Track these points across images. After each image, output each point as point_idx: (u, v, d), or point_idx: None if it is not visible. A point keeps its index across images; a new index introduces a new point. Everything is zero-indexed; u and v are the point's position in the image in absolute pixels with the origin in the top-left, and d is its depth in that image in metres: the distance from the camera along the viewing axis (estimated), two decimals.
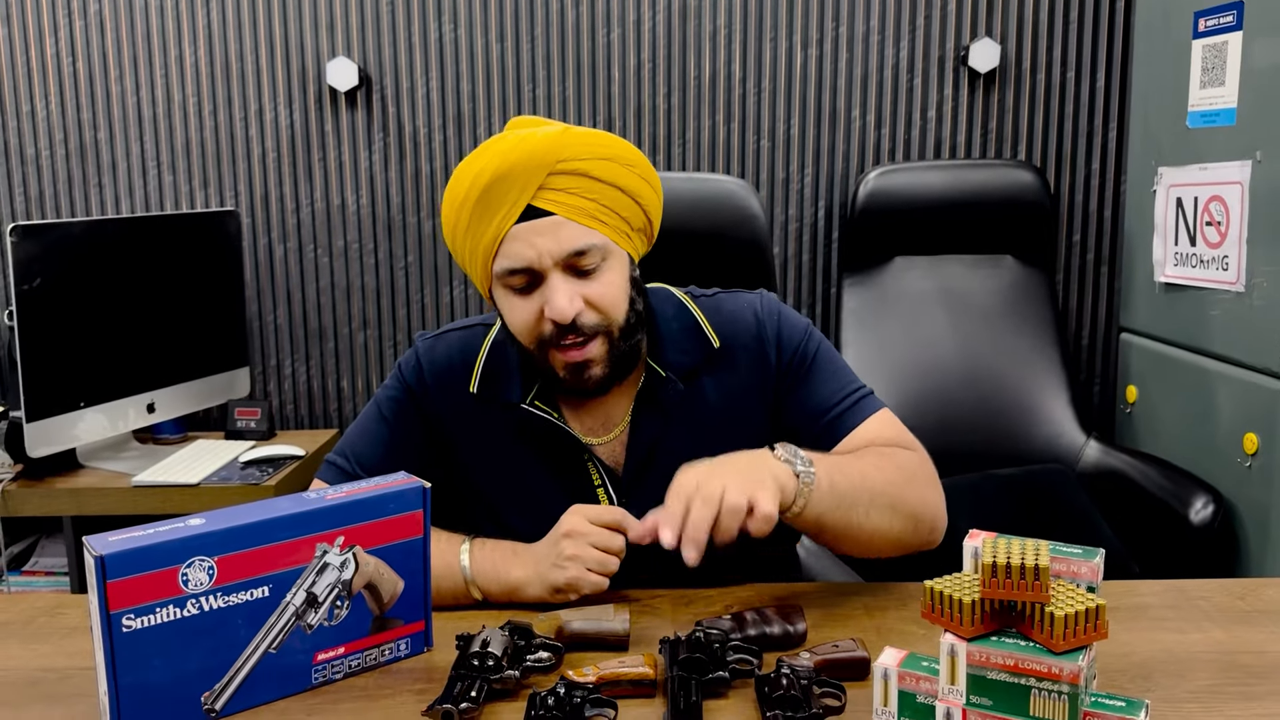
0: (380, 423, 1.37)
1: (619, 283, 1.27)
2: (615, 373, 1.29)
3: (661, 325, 1.35)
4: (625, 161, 1.26)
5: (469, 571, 1.25)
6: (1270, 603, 1.26)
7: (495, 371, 1.35)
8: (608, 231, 1.25)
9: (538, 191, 1.21)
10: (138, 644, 0.97)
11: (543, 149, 1.22)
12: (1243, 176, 2.05)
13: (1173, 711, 1.00)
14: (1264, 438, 1.99)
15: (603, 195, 1.24)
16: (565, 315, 1.21)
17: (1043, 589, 0.87)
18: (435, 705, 0.99)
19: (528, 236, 1.22)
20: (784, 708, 0.97)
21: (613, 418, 1.35)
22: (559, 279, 1.23)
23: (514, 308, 1.26)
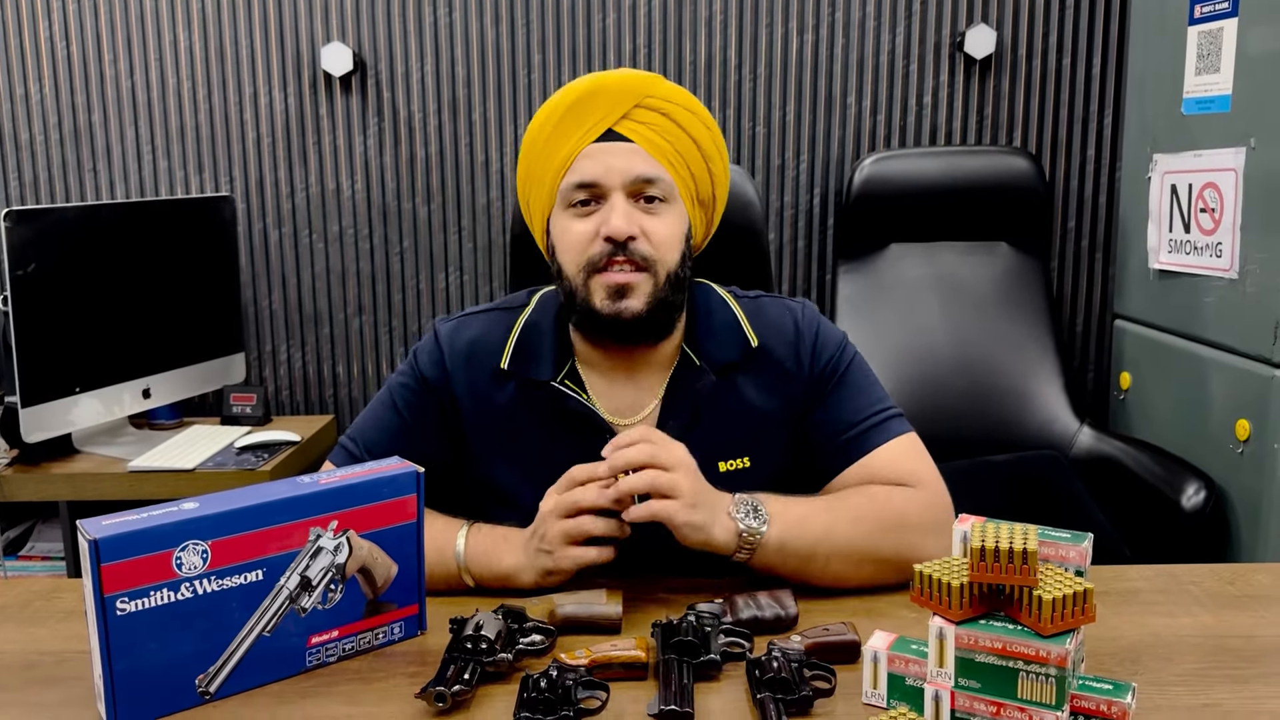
0: (391, 410, 1.37)
1: (676, 228, 1.30)
2: (652, 319, 1.29)
3: (702, 316, 1.37)
4: (706, 123, 1.33)
5: (463, 559, 1.25)
6: (1260, 588, 1.27)
7: (527, 350, 1.36)
8: (676, 178, 1.30)
9: (621, 119, 1.28)
10: (132, 627, 0.98)
11: (636, 81, 1.30)
12: (1237, 163, 2.05)
13: (1160, 695, 1.01)
14: (1256, 424, 2.00)
15: (679, 141, 1.29)
16: (621, 232, 1.25)
17: (1031, 573, 0.88)
18: (429, 687, 0.99)
19: (601, 155, 1.27)
20: (774, 690, 0.98)
21: (641, 401, 1.35)
22: (621, 200, 1.27)
23: (570, 229, 1.29)
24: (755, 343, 1.35)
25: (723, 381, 1.34)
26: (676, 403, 1.34)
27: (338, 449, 1.38)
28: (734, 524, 1.19)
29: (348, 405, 2.90)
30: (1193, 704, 1.00)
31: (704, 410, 1.33)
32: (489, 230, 2.81)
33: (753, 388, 1.35)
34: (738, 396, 1.35)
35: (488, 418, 1.35)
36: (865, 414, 1.33)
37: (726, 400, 1.34)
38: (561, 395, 1.33)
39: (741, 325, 1.37)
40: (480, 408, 1.36)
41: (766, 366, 1.36)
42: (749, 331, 1.36)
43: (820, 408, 1.35)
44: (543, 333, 1.37)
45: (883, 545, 1.23)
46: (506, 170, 2.78)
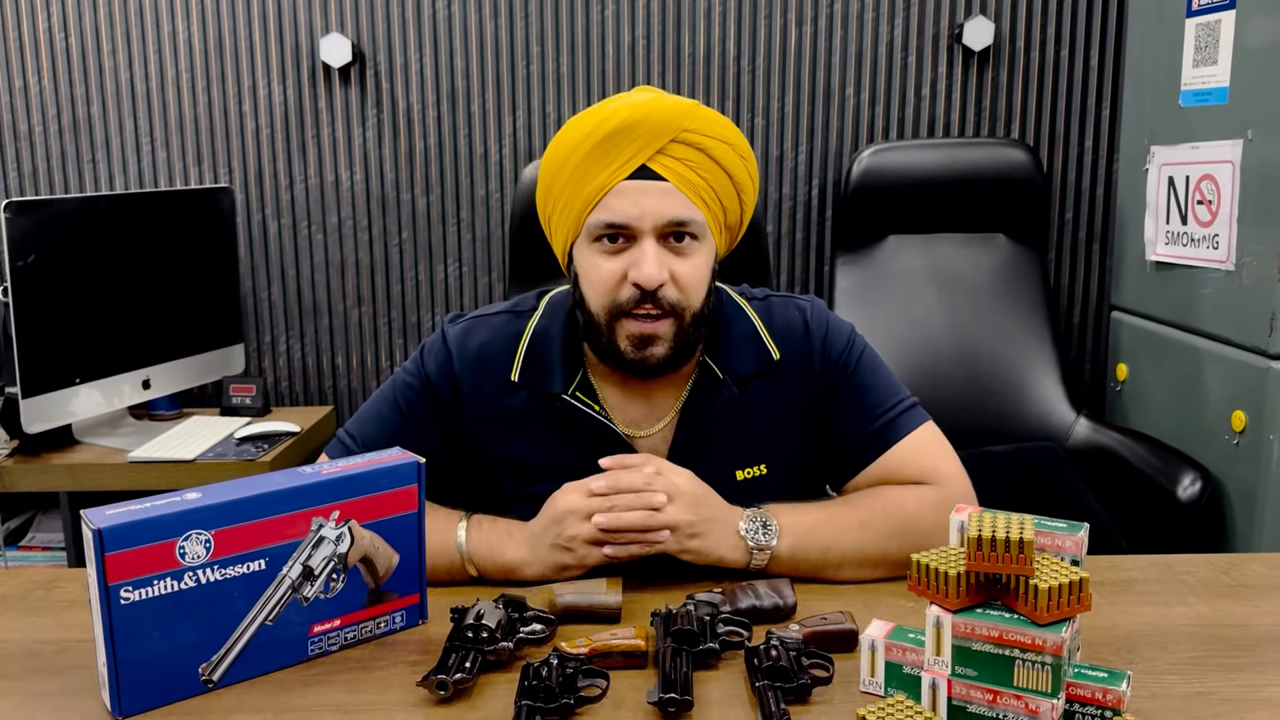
0: (393, 408, 1.36)
1: (704, 268, 1.27)
2: (674, 358, 1.28)
3: (722, 327, 1.35)
4: (741, 153, 1.27)
5: (465, 549, 1.25)
6: (1254, 577, 1.28)
7: (537, 360, 1.34)
8: (707, 215, 1.25)
9: (656, 154, 1.22)
10: (136, 616, 0.99)
11: (673, 113, 1.23)
12: (1234, 155, 2.06)
13: (1154, 683, 1.02)
14: (1251, 415, 2.00)
15: (713, 177, 1.25)
16: (653, 281, 1.21)
17: (1027, 562, 0.89)
18: (430, 676, 1.00)
19: (634, 195, 1.22)
20: (773, 678, 0.98)
21: (657, 411, 1.34)
22: (652, 245, 1.23)
23: (598, 266, 1.25)
24: (777, 355, 1.34)
25: (742, 392, 1.33)
26: (694, 414, 1.33)
27: (334, 442, 1.37)
28: (744, 541, 1.21)
29: (347, 396, 2.91)
30: (1187, 692, 1.01)
31: (721, 421, 1.33)
32: (488, 222, 2.82)
33: (769, 395, 1.34)
34: (754, 405, 1.34)
35: (495, 424, 1.34)
36: (881, 410, 1.33)
37: (744, 410, 1.33)
38: (572, 408, 1.31)
39: (761, 335, 1.35)
40: (488, 414, 1.34)
41: (781, 372, 1.35)
42: (769, 342, 1.35)
43: (835, 406, 1.35)
44: (552, 340, 1.34)
45: (891, 549, 1.24)
46: (505, 162, 2.78)
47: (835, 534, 1.24)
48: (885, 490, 1.29)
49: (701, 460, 1.28)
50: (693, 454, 1.30)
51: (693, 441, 1.31)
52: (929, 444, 1.33)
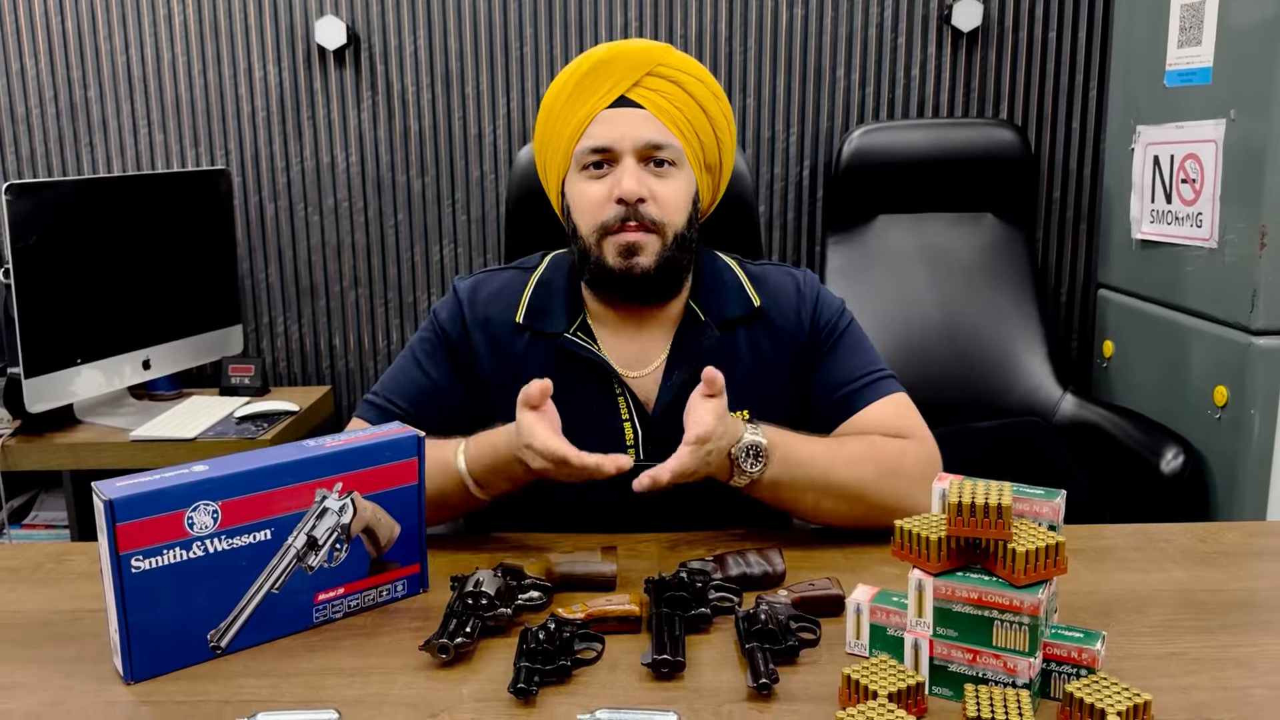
0: (415, 365, 1.44)
1: (683, 192, 1.37)
2: (660, 276, 1.36)
3: (707, 277, 1.44)
4: (714, 92, 1.39)
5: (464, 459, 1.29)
6: (1229, 545, 1.32)
7: (541, 304, 1.44)
8: (684, 145, 1.36)
9: (634, 86, 1.34)
10: (146, 584, 1.02)
11: (648, 50, 1.36)
12: (1217, 135, 2.09)
13: (1130, 644, 1.06)
14: (1233, 390, 2.04)
15: (688, 108, 1.36)
16: (632, 193, 1.32)
17: (1005, 527, 0.92)
18: (432, 640, 1.04)
19: (614, 120, 1.34)
20: (762, 640, 1.02)
21: (649, 354, 1.42)
22: (632, 164, 1.34)
23: (584, 191, 1.36)
24: (757, 303, 1.43)
25: (726, 337, 1.42)
26: (682, 356, 1.40)
27: (364, 404, 1.43)
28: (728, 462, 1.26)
29: (344, 376, 2.94)
30: (1160, 652, 1.04)
31: (707, 363, 1.36)
32: (482, 203, 2.84)
33: (755, 344, 1.43)
34: (740, 352, 1.42)
35: (504, 368, 1.42)
36: (860, 373, 1.41)
37: (729, 355, 1.41)
38: (574, 346, 1.40)
39: (745, 286, 1.45)
40: (497, 359, 1.42)
41: (769, 325, 1.43)
42: (751, 292, 1.44)
43: (818, 367, 1.43)
44: (555, 290, 1.44)
45: (875, 489, 1.30)
46: (499, 144, 2.81)
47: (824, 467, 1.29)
48: (872, 436, 1.35)
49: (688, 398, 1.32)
50: (679, 395, 1.36)
51: (681, 380, 1.38)
52: (902, 408, 1.40)
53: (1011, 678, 0.92)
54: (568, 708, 0.96)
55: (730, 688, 0.99)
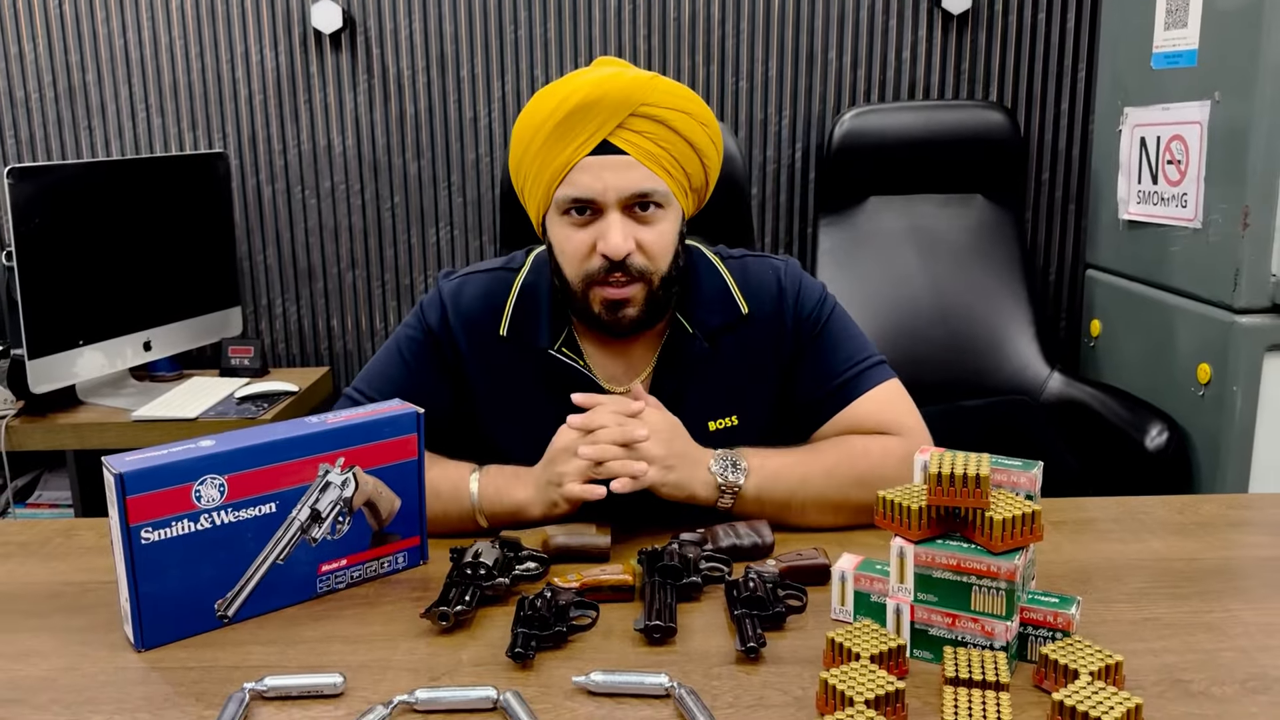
0: (398, 360, 1.42)
1: (670, 234, 1.32)
2: (647, 318, 1.34)
3: (694, 285, 1.41)
4: (701, 120, 1.32)
5: (477, 499, 1.31)
6: (1206, 517, 1.36)
7: (524, 315, 1.40)
8: (670, 184, 1.30)
9: (617, 129, 1.27)
10: (156, 555, 1.05)
11: (630, 89, 1.27)
12: (1202, 116, 2.12)
13: (1106, 610, 1.10)
14: (1216, 368, 2.08)
15: (674, 147, 1.29)
16: (619, 252, 1.27)
17: (983, 496, 0.96)
18: (433, 608, 1.08)
19: (597, 170, 1.27)
20: (750, 607, 1.06)
21: (635, 367, 1.41)
22: (617, 217, 1.28)
23: (568, 238, 1.31)
24: (745, 310, 1.40)
25: (713, 346, 1.40)
26: (669, 369, 1.39)
27: (343, 399, 1.42)
28: (713, 478, 1.28)
29: (343, 358, 2.97)
30: (1135, 618, 1.08)
31: (694, 375, 1.39)
32: (478, 185, 2.87)
33: (740, 349, 1.41)
34: (726, 359, 1.40)
35: (488, 376, 1.41)
36: (847, 364, 1.40)
37: (716, 363, 1.40)
38: (557, 361, 1.38)
39: (731, 292, 1.41)
40: (481, 366, 1.41)
41: (753, 327, 1.41)
42: (739, 298, 1.41)
43: (804, 361, 1.41)
44: (539, 297, 1.40)
45: (853, 495, 1.30)
46: (494, 126, 2.83)
47: (801, 477, 1.31)
48: (851, 439, 1.35)
49: (676, 412, 1.34)
50: (668, 406, 1.36)
51: (668, 395, 1.36)
52: (892, 398, 1.39)
53: (989, 641, 0.96)
54: (563, 671, 0.99)
55: (720, 651, 1.03)
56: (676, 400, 1.37)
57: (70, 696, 0.98)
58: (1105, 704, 0.86)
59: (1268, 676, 0.97)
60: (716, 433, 1.39)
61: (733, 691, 0.95)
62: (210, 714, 0.94)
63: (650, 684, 0.95)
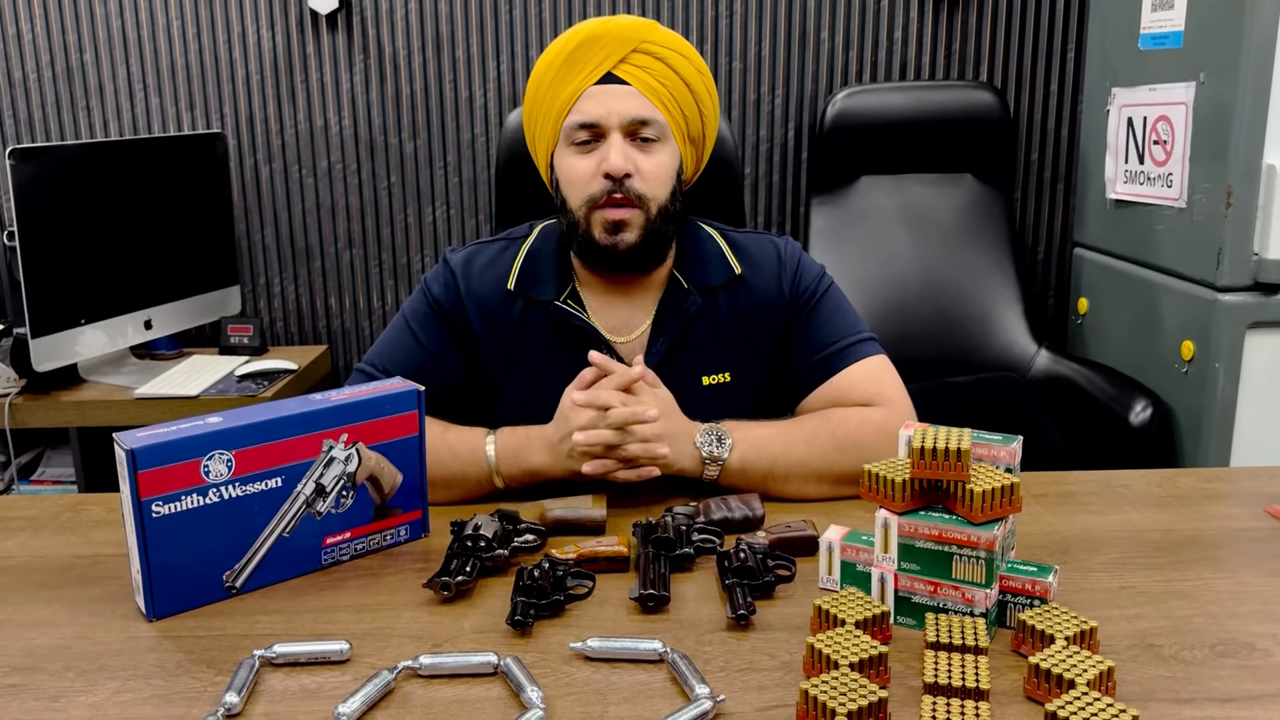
0: (408, 334, 1.48)
1: (667, 166, 1.42)
2: (644, 249, 1.41)
3: (690, 246, 1.50)
4: (699, 68, 1.44)
5: (494, 460, 1.36)
6: (1183, 489, 1.40)
7: (531, 272, 1.48)
8: (669, 119, 1.41)
9: (620, 63, 1.38)
10: (166, 528, 1.09)
11: (634, 27, 1.40)
12: (1187, 97, 2.16)
13: (1083, 579, 1.14)
14: (1199, 344, 2.12)
15: (673, 85, 1.40)
16: (618, 169, 1.37)
17: (964, 469, 1.00)
18: (435, 578, 1.11)
19: (602, 97, 1.38)
20: (741, 576, 1.10)
21: (635, 320, 1.48)
22: (619, 139, 1.38)
23: (573, 165, 1.41)
24: (738, 270, 1.48)
25: (708, 303, 1.47)
26: (666, 322, 1.46)
27: (356, 374, 1.47)
28: (698, 452, 1.34)
29: (340, 336, 3.00)
30: (1111, 586, 1.12)
31: (690, 329, 1.46)
32: (474, 165, 2.90)
33: (736, 310, 1.48)
34: (722, 317, 1.47)
35: (497, 336, 1.47)
36: (838, 338, 1.46)
37: (711, 320, 1.47)
38: (564, 313, 1.45)
39: (726, 255, 1.50)
40: (490, 328, 1.47)
41: (750, 292, 1.48)
42: (732, 260, 1.49)
43: (797, 332, 1.47)
44: (545, 258, 1.49)
45: (835, 464, 1.35)
46: (490, 106, 2.86)
47: (784, 448, 1.35)
48: (831, 411, 1.41)
49: (672, 365, 1.43)
50: (664, 359, 1.44)
51: (665, 346, 1.45)
52: (877, 372, 1.44)
53: (969, 607, 1.00)
54: (561, 638, 1.03)
55: (711, 619, 1.07)
56: (673, 352, 1.44)
57: (84, 664, 1.01)
58: (1079, 667, 0.90)
59: (1236, 641, 1.01)
60: (710, 388, 1.46)
61: (723, 656, 1.00)
62: (221, 680, 0.97)
63: (644, 649, 0.99)
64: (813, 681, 0.87)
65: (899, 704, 0.91)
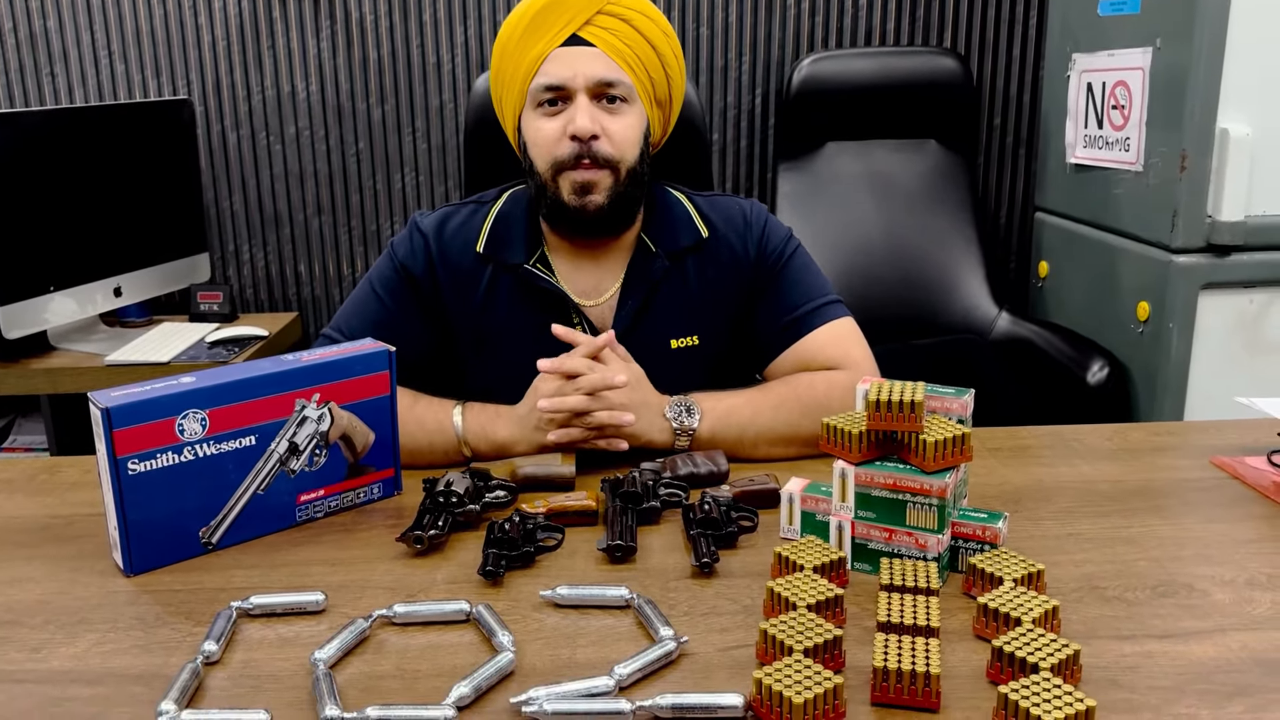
0: (374, 299, 1.48)
1: (635, 128, 1.43)
2: (613, 212, 1.42)
3: (659, 210, 1.51)
4: (663, 29, 1.44)
5: (461, 432, 1.38)
6: (1132, 443, 1.45)
7: (500, 235, 1.49)
8: (635, 81, 1.42)
9: (585, 25, 1.39)
10: (142, 485, 1.11)
11: None
12: (1144, 63, 2.20)
13: (1034, 527, 1.18)
14: (1155, 305, 2.17)
15: (638, 46, 1.41)
16: (585, 130, 1.37)
17: (918, 420, 1.04)
18: (408, 533, 1.14)
19: (567, 59, 1.39)
20: (705, 527, 1.14)
21: (604, 284, 1.49)
22: (585, 101, 1.39)
23: (540, 128, 1.41)
24: (705, 233, 1.50)
25: (676, 266, 1.49)
26: (634, 285, 1.48)
27: (321, 339, 1.47)
28: (668, 424, 1.36)
29: (311, 303, 3.01)
30: (1059, 533, 1.17)
31: (658, 292, 1.48)
32: (442, 131, 2.90)
33: (704, 273, 1.49)
34: (689, 280, 1.49)
35: (466, 300, 1.48)
36: (805, 300, 1.48)
37: (679, 284, 1.49)
38: (533, 276, 1.46)
39: (693, 218, 1.51)
40: (459, 292, 1.48)
41: (717, 255, 1.50)
42: (699, 223, 1.51)
43: (764, 294, 1.49)
44: (514, 221, 1.50)
45: (803, 428, 1.38)
46: (458, 72, 2.86)
47: (752, 415, 1.38)
48: (798, 376, 1.43)
49: (640, 329, 1.45)
50: (633, 322, 1.46)
51: (633, 311, 1.46)
52: (844, 335, 1.47)
53: (922, 553, 1.04)
54: (531, 587, 1.07)
55: (677, 568, 1.11)
56: (640, 317, 1.46)
57: (65, 617, 1.04)
58: (1025, 606, 0.94)
59: (1175, 583, 1.06)
60: (678, 351, 1.48)
61: (688, 602, 1.03)
62: (199, 630, 1.00)
63: (612, 596, 1.02)
64: (771, 622, 0.91)
65: (854, 642, 0.95)
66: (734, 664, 0.92)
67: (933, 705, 0.85)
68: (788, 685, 0.82)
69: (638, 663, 0.90)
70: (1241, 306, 2.14)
